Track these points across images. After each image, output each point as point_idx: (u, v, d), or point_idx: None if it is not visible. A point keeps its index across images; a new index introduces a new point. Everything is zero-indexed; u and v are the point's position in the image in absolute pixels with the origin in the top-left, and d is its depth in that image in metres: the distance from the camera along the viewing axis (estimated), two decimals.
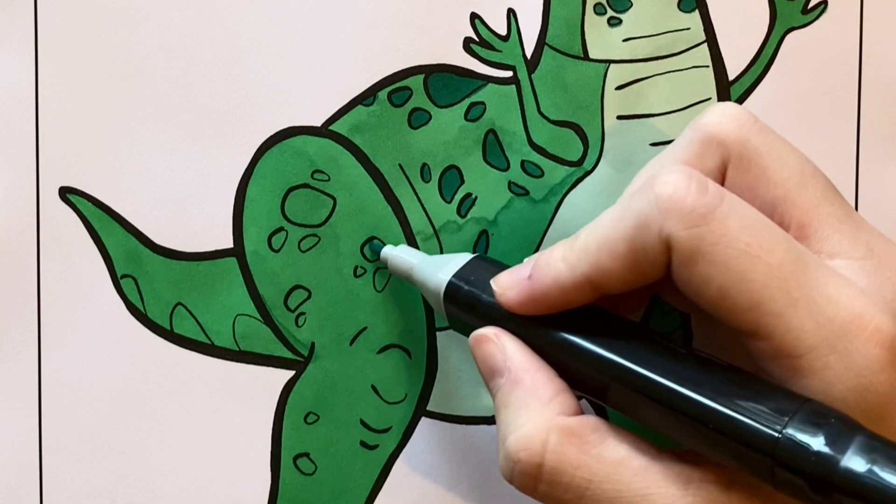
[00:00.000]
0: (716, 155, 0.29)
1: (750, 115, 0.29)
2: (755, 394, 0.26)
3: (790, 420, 0.25)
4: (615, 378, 0.28)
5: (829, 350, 0.26)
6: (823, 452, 0.25)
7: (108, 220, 0.35)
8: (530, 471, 0.28)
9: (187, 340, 0.35)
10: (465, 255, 0.32)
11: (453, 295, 0.32)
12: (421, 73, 0.35)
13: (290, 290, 0.35)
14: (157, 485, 0.36)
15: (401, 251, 0.34)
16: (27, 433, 0.35)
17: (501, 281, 0.30)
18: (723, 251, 0.26)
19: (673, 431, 0.28)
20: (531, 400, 0.29)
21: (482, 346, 0.30)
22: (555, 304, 0.29)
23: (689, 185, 0.27)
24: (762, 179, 0.29)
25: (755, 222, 0.27)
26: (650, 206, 0.27)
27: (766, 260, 0.26)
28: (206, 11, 0.35)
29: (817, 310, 0.26)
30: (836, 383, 0.26)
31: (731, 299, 0.26)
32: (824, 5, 0.35)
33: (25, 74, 0.35)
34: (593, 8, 0.35)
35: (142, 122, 0.35)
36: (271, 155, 0.35)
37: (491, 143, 0.35)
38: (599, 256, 0.28)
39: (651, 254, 0.27)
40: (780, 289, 0.26)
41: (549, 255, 0.29)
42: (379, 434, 0.36)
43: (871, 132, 0.35)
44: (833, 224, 0.29)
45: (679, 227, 0.26)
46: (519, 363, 0.29)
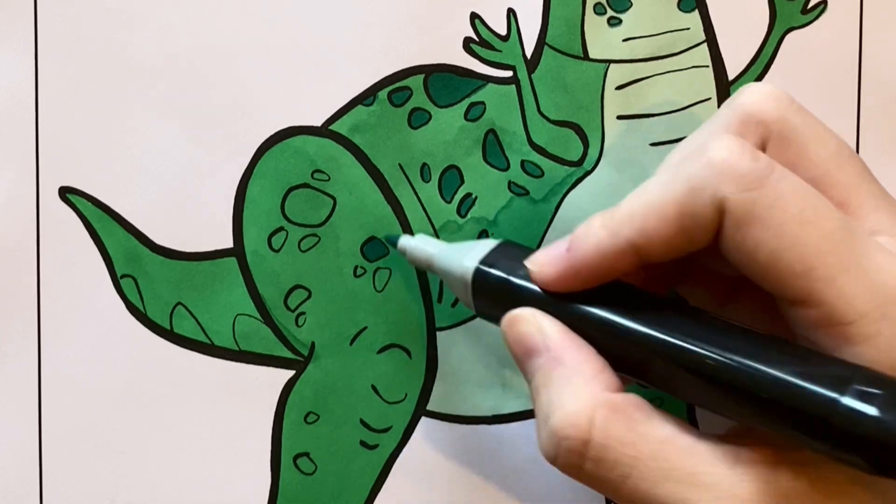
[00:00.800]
0: (755, 133, 0.29)
1: (788, 95, 0.29)
2: (807, 363, 0.26)
3: (845, 388, 0.25)
4: (659, 353, 0.27)
5: (880, 316, 0.26)
6: (881, 419, 0.24)
7: (108, 220, 0.35)
8: (577, 448, 0.28)
9: (187, 340, 0.35)
10: (491, 241, 0.32)
11: (482, 281, 0.31)
12: (421, 73, 0.35)
13: (290, 290, 0.35)
14: (157, 485, 0.36)
15: (419, 241, 0.33)
16: (27, 433, 0.35)
17: (537, 259, 0.29)
18: (777, 215, 0.26)
19: (720, 406, 0.27)
20: (574, 377, 0.28)
21: (517, 327, 0.29)
22: (596, 275, 0.28)
23: (744, 151, 0.27)
24: (802, 158, 0.29)
25: (806, 191, 0.27)
26: (704, 169, 0.27)
27: (819, 225, 0.26)
28: (206, 12, 0.35)
29: (868, 276, 0.26)
30: (887, 350, 0.26)
31: (784, 263, 0.26)
32: (824, 5, 0.35)
33: (25, 74, 0.35)
34: (593, 8, 0.35)
35: (142, 122, 0.35)
36: (271, 155, 0.35)
37: (491, 143, 0.35)
38: (646, 220, 0.27)
39: (702, 217, 0.27)
40: (832, 254, 0.26)
41: (587, 226, 0.29)
42: (379, 434, 0.36)
43: (870, 132, 0.35)
44: (872, 203, 0.29)
45: (734, 189, 0.26)
46: (559, 341, 0.29)
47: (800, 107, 0.29)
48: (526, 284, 0.29)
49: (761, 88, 0.29)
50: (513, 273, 0.30)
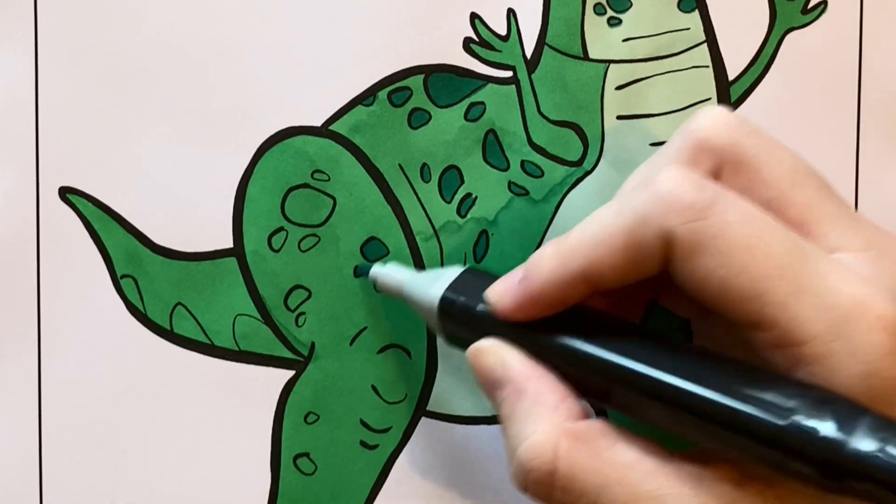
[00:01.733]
0: (708, 160, 0.29)
1: (739, 119, 0.29)
2: (759, 384, 0.26)
3: (795, 407, 0.25)
4: (618, 379, 0.28)
5: (832, 337, 0.26)
6: (831, 437, 0.25)
7: (108, 220, 0.35)
8: (544, 479, 0.28)
9: (187, 340, 0.35)
10: (457, 269, 0.32)
11: (447, 309, 0.31)
12: (421, 73, 0.35)
13: (290, 290, 0.35)
14: (157, 485, 0.36)
15: (390, 269, 0.34)
16: (27, 433, 0.35)
17: (495, 289, 0.30)
18: (723, 243, 0.26)
19: (680, 429, 0.28)
20: (537, 408, 0.29)
21: (480, 359, 0.30)
22: (550, 304, 0.29)
23: (688, 182, 0.27)
24: (756, 182, 0.29)
25: (753, 216, 0.27)
26: (650, 201, 0.27)
27: (765, 251, 0.26)
28: (206, 11, 0.35)
29: (819, 297, 0.26)
30: (840, 370, 0.26)
31: (734, 290, 0.26)
32: (824, 5, 0.35)
33: (25, 74, 0.35)
34: (593, 8, 0.35)
35: (141, 122, 0.35)
36: (271, 155, 0.35)
37: (491, 143, 0.35)
38: (595, 250, 0.28)
39: (649, 249, 0.27)
40: (781, 277, 0.26)
41: (539, 255, 0.29)
42: (379, 434, 0.36)
43: (871, 132, 0.35)
44: (830, 220, 0.29)
45: (679, 221, 0.27)
46: (520, 372, 0.29)
47: (753, 129, 0.29)
48: (488, 312, 0.30)
49: (713, 114, 0.30)
50: (477, 301, 0.30)
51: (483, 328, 0.30)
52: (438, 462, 0.36)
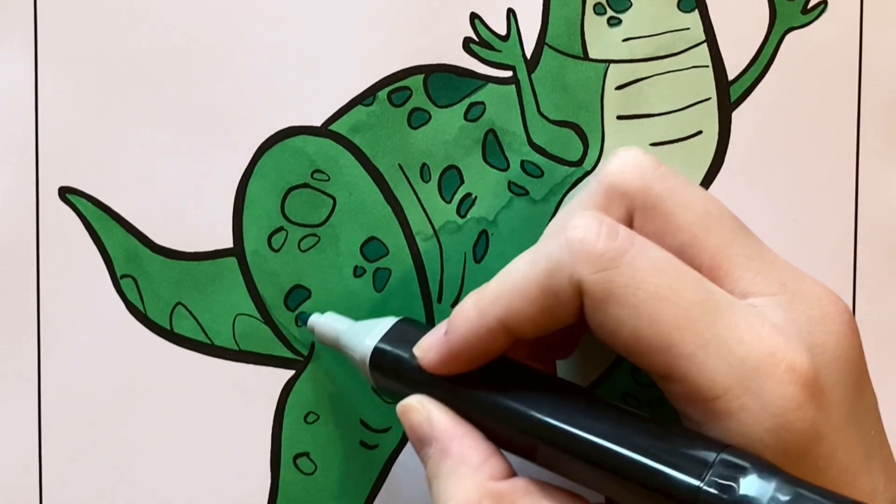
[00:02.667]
0: (620, 205, 0.29)
1: (652, 162, 0.29)
2: (675, 445, 0.26)
3: (708, 473, 0.25)
4: (538, 437, 0.28)
5: (742, 391, 0.26)
6: (742, 500, 0.25)
7: (108, 220, 0.35)
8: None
9: (187, 340, 0.35)
10: (391, 320, 0.32)
11: (378, 362, 0.31)
12: (421, 73, 0.35)
13: (291, 290, 0.35)
14: (157, 485, 0.36)
15: (328, 318, 0.34)
16: (27, 433, 0.35)
17: (422, 344, 0.30)
18: (633, 293, 0.26)
19: (600, 487, 0.28)
20: (460, 468, 0.29)
21: (408, 417, 0.30)
22: (472, 356, 0.29)
23: (600, 230, 0.27)
24: (668, 226, 0.29)
25: (665, 263, 0.27)
26: (561, 250, 0.27)
27: (676, 301, 0.26)
28: (205, 11, 0.35)
29: (728, 350, 0.26)
30: (752, 424, 0.26)
31: (644, 341, 0.26)
32: (824, 5, 0.35)
33: (25, 74, 0.35)
34: (593, 8, 0.35)
35: (141, 122, 0.35)
36: (271, 155, 0.35)
37: (491, 143, 0.35)
38: (511, 301, 0.28)
39: (563, 298, 0.27)
40: (690, 330, 0.26)
41: (460, 307, 0.29)
42: (379, 434, 0.36)
43: (871, 132, 0.35)
44: (743, 263, 0.28)
45: (590, 270, 0.26)
46: (445, 431, 0.29)
47: (665, 171, 0.29)
48: (417, 366, 0.30)
49: (625, 157, 0.29)
50: (407, 354, 0.31)
51: (412, 381, 0.30)
52: None
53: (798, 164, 0.35)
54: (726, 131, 0.35)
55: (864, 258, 0.36)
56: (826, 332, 0.28)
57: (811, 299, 0.28)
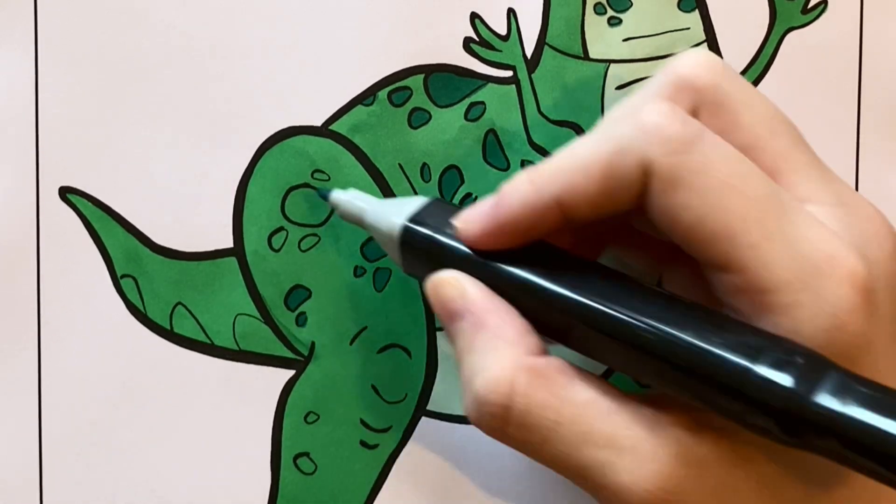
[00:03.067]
0: (688, 99, 0.29)
1: (721, 62, 0.29)
2: (723, 331, 0.26)
3: (759, 357, 0.25)
4: (577, 317, 0.27)
5: (801, 287, 0.26)
6: (795, 389, 0.24)
7: (108, 220, 0.35)
8: (499, 412, 0.28)
9: (187, 340, 0.35)
10: (422, 198, 0.31)
11: (409, 239, 0.30)
12: (421, 72, 0.35)
13: (291, 290, 0.35)
14: (157, 485, 0.36)
15: (352, 195, 0.33)
16: (27, 433, 0.35)
17: (464, 215, 0.29)
18: (703, 180, 0.26)
19: (640, 371, 0.27)
20: (496, 341, 0.28)
21: (440, 290, 0.29)
22: (520, 232, 0.28)
23: (674, 115, 0.27)
24: (733, 125, 0.28)
25: (735, 157, 0.27)
26: (633, 130, 0.27)
27: (745, 192, 0.26)
28: (206, 11, 0.35)
29: (792, 245, 0.26)
30: (806, 322, 0.26)
31: (708, 228, 0.26)
32: (824, 5, 0.35)
33: (25, 74, 0.35)
34: (593, 8, 0.35)
35: (142, 122, 0.35)
36: (271, 155, 0.35)
37: (491, 143, 0.35)
38: (572, 177, 0.27)
39: (627, 179, 0.27)
40: (757, 221, 0.26)
41: (514, 181, 0.29)
42: (379, 434, 0.36)
43: (871, 132, 0.35)
44: (803, 171, 0.28)
45: (662, 152, 0.26)
46: (481, 304, 0.29)
47: (734, 74, 0.29)
48: (453, 243, 0.29)
49: (696, 55, 0.29)
50: (441, 231, 0.30)
51: (445, 261, 0.29)
52: (438, 462, 0.36)
53: None
54: None
55: None
56: (878, 248, 0.28)
57: (865, 215, 0.28)
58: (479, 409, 0.28)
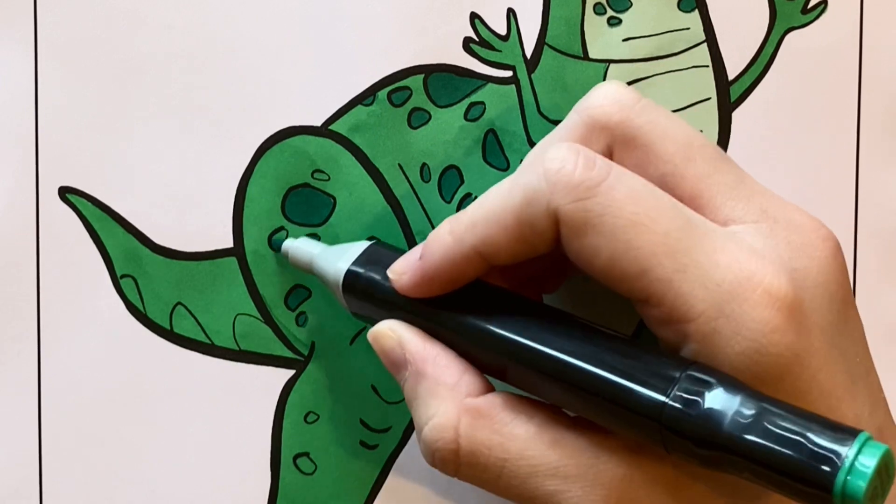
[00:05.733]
0: (600, 138, 0.29)
1: (632, 95, 0.30)
2: (642, 362, 0.27)
3: (675, 385, 0.26)
4: (508, 356, 0.28)
5: (717, 314, 0.26)
6: (707, 414, 0.25)
7: (108, 220, 0.35)
8: (449, 457, 0.29)
9: (187, 340, 0.35)
10: (364, 243, 0.32)
11: (351, 285, 0.31)
12: (421, 72, 0.35)
13: (291, 290, 0.35)
14: (157, 485, 0.36)
15: (301, 243, 0.34)
16: (27, 433, 0.35)
17: (396, 267, 0.30)
18: (610, 221, 0.26)
19: (570, 405, 0.28)
20: (437, 388, 0.29)
21: (380, 342, 0.30)
22: (447, 280, 0.29)
23: (577, 160, 0.27)
24: (649, 157, 0.29)
25: (642, 191, 0.27)
26: (538, 180, 0.27)
27: (652, 228, 0.26)
28: (205, 11, 0.35)
29: (705, 274, 0.26)
30: (724, 347, 0.26)
31: (621, 268, 0.27)
32: (824, 5, 0.35)
33: (25, 74, 0.35)
34: (593, 8, 0.35)
35: (142, 122, 0.35)
36: (271, 154, 0.35)
37: (491, 143, 0.35)
38: (487, 228, 0.28)
39: (539, 227, 0.27)
40: (667, 255, 0.26)
41: (436, 232, 0.30)
42: (379, 434, 0.36)
43: (871, 132, 0.35)
44: (724, 192, 0.29)
45: (567, 199, 0.27)
46: (418, 353, 0.30)
47: (646, 104, 0.29)
48: (390, 289, 0.30)
49: (605, 91, 0.30)
50: (380, 276, 0.31)
51: (386, 304, 0.31)
52: None
53: (798, 164, 0.35)
54: (726, 131, 0.35)
55: (864, 258, 0.36)
56: (808, 257, 0.28)
57: (793, 226, 0.28)
58: (432, 455, 0.29)
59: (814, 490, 0.24)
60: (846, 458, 0.23)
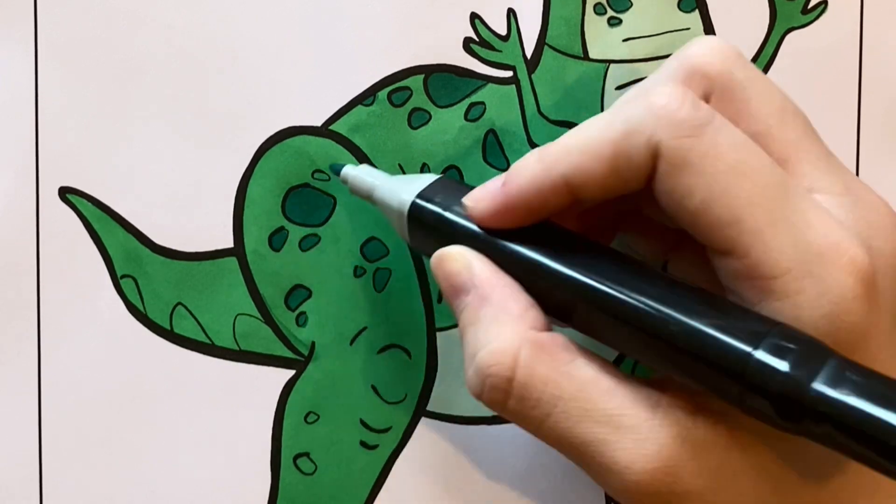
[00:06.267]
0: (699, 86, 0.29)
1: (734, 50, 0.29)
2: (725, 316, 0.26)
3: (760, 343, 0.25)
4: (580, 297, 0.27)
5: (804, 273, 0.26)
6: (794, 374, 0.24)
7: (108, 220, 0.35)
8: (501, 385, 0.28)
9: (187, 340, 0.35)
10: (431, 176, 0.31)
11: (417, 215, 0.30)
12: (421, 73, 0.35)
13: (291, 290, 0.35)
14: (157, 485, 0.36)
15: (362, 171, 0.33)
16: (27, 433, 0.35)
17: (474, 194, 0.29)
18: (711, 164, 0.26)
19: (641, 353, 0.27)
20: (501, 315, 0.28)
21: (446, 265, 0.29)
22: (528, 211, 0.29)
23: (685, 98, 0.27)
24: (744, 113, 0.29)
25: (743, 143, 0.27)
26: (644, 112, 0.27)
27: (752, 178, 0.26)
28: (205, 11, 0.35)
29: (796, 233, 0.26)
30: (808, 308, 0.26)
31: (713, 212, 0.26)
32: (824, 5, 0.35)
33: (25, 74, 0.35)
34: (593, 8, 0.35)
35: (142, 123, 0.35)
36: (272, 155, 0.35)
37: (491, 143, 0.35)
38: (581, 157, 0.27)
39: (636, 160, 0.27)
40: (762, 207, 0.26)
41: (523, 160, 0.29)
42: (379, 434, 0.36)
43: (871, 132, 0.35)
44: (812, 161, 0.28)
45: (671, 135, 0.26)
46: (486, 279, 0.29)
47: (746, 62, 0.29)
48: (460, 220, 0.29)
49: (710, 42, 0.29)
50: (448, 208, 0.30)
51: (452, 237, 0.30)
52: (438, 462, 0.36)
53: None
54: None
55: None
56: (884, 239, 0.28)
57: (872, 206, 0.28)
58: (482, 382, 0.28)
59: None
60: None
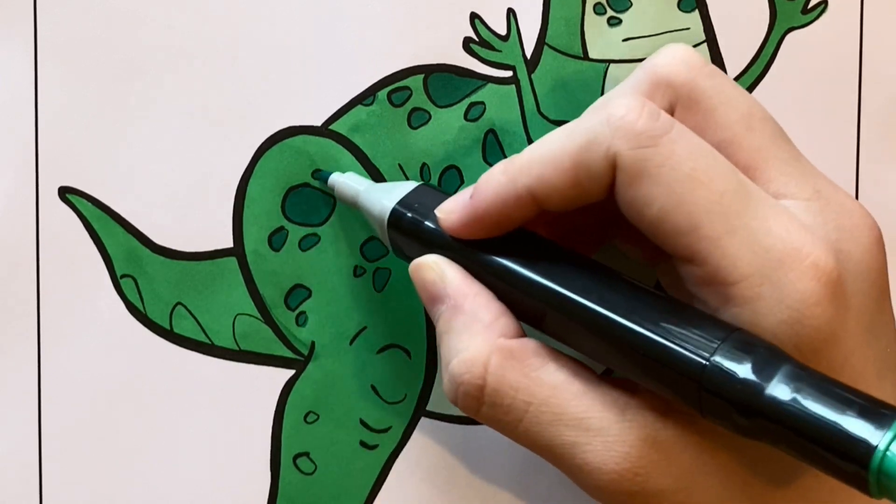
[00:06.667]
0: (664, 96, 0.29)
1: (699, 58, 0.30)
2: (685, 322, 0.26)
3: (718, 348, 0.25)
4: (549, 304, 0.28)
5: (762, 280, 0.26)
6: (749, 380, 0.25)
7: (108, 220, 0.35)
8: (473, 392, 0.29)
9: (187, 340, 0.35)
10: (412, 183, 0.32)
11: (397, 222, 0.32)
12: (421, 72, 0.35)
13: (291, 290, 0.35)
14: (157, 485, 0.36)
15: (348, 178, 0.34)
16: (27, 433, 0.35)
17: (445, 206, 0.30)
18: (667, 173, 0.26)
19: (606, 359, 0.28)
20: (472, 324, 0.29)
21: (422, 273, 0.30)
22: (496, 222, 0.29)
23: (642, 110, 0.27)
24: (709, 121, 0.29)
25: (702, 150, 0.27)
26: (602, 123, 0.27)
27: (709, 186, 0.26)
28: (206, 11, 0.35)
29: (755, 239, 0.26)
30: (767, 314, 0.26)
31: (672, 221, 0.27)
32: (824, 5, 0.35)
33: (25, 74, 0.35)
34: (593, 8, 0.35)
35: (142, 123, 0.35)
36: (271, 154, 0.35)
37: (491, 143, 0.35)
38: (543, 169, 0.28)
39: (595, 171, 0.27)
40: (719, 214, 0.26)
41: (489, 173, 0.29)
42: (379, 434, 0.36)
43: (871, 132, 0.35)
44: (779, 167, 0.29)
45: (627, 145, 0.27)
46: (458, 288, 0.30)
47: (713, 70, 0.30)
48: (436, 229, 0.30)
49: (674, 51, 0.30)
50: (426, 217, 0.31)
51: (429, 243, 0.31)
52: (438, 462, 0.36)
53: None
54: None
55: None
56: (854, 242, 0.28)
57: (843, 209, 0.28)
58: (455, 389, 0.29)
59: (850, 465, 0.23)
60: (886, 435, 0.23)
